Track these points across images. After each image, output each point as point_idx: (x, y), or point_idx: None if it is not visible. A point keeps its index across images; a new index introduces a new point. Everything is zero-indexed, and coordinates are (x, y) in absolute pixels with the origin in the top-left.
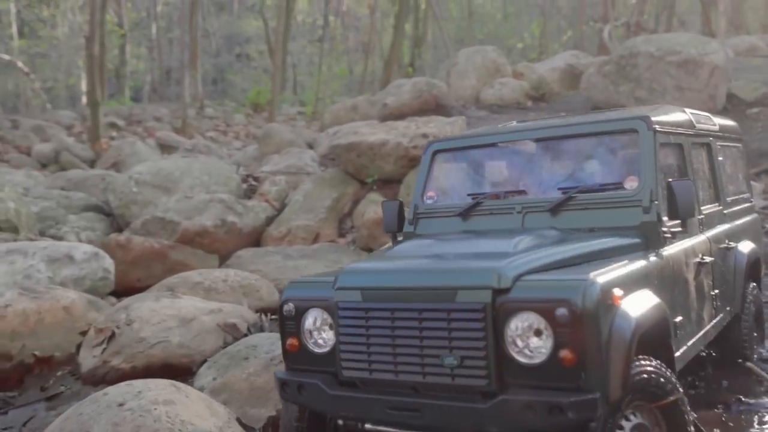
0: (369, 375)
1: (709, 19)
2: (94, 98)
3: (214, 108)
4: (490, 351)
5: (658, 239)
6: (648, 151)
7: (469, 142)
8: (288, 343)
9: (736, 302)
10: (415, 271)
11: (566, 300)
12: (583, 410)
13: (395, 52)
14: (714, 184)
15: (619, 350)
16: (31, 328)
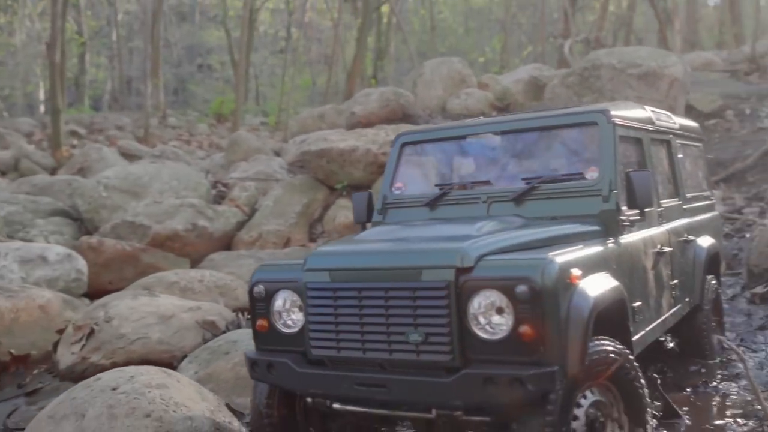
0: (337, 353)
1: (666, 36)
2: (55, 106)
3: (177, 118)
4: (454, 327)
5: (617, 227)
6: (607, 143)
7: (437, 135)
8: (258, 324)
9: (695, 294)
10: (382, 252)
11: (526, 278)
12: (541, 383)
13: (358, 64)
14: (673, 180)
15: (577, 327)
16: (7, 326)
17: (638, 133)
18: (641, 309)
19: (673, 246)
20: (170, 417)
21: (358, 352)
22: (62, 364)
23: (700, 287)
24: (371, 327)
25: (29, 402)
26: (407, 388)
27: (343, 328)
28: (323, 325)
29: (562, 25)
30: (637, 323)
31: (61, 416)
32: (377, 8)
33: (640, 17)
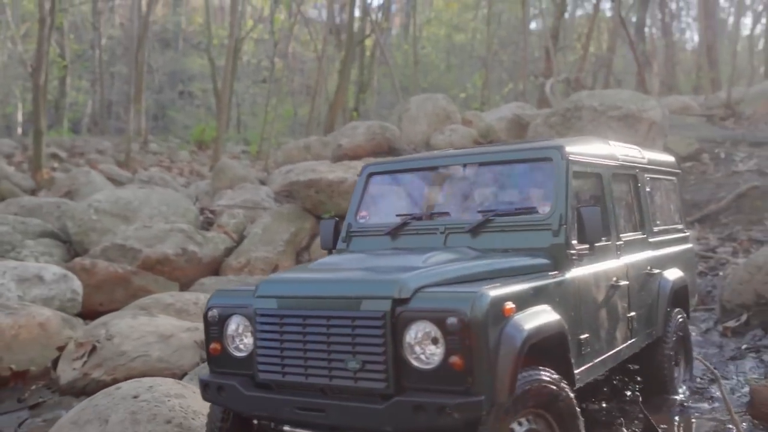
0: (282, 377)
1: (644, 78)
2: (38, 128)
3: (158, 144)
4: (389, 356)
5: (566, 261)
6: (560, 179)
7: (401, 166)
8: (211, 347)
9: (658, 326)
10: (327, 282)
11: (455, 310)
12: (467, 411)
13: (340, 96)
14: (639, 213)
15: (508, 358)
16: (7, 343)
17: (597, 168)
18: (589, 341)
19: (632, 278)
20: (189, 424)
21: (300, 377)
22: (63, 380)
23: (663, 319)
24: (313, 353)
25: (33, 415)
26: (343, 414)
27: (288, 354)
28: (270, 350)
29: (544, 65)
30: (583, 355)
31: (84, 421)
32: (361, 41)
33: (620, 59)
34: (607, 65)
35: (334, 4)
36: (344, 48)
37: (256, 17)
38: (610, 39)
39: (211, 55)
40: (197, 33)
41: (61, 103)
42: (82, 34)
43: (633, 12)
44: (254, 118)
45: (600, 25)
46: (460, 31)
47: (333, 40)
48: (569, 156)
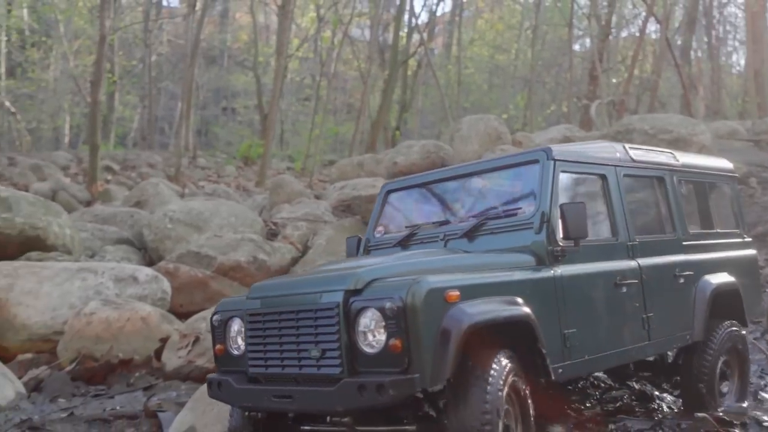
0: (265, 370)
1: (690, 102)
2: (94, 142)
3: (206, 159)
4: (343, 344)
5: (550, 257)
6: (545, 179)
7: (413, 182)
8: (216, 348)
9: (695, 330)
10: (299, 281)
11: (393, 297)
12: (401, 388)
13: (383, 115)
14: (669, 215)
15: (449, 342)
16: (113, 334)
17: (599, 170)
18: (578, 336)
19: (650, 279)
20: None
21: (278, 369)
22: (169, 367)
23: (702, 324)
24: (287, 346)
25: (147, 395)
26: (306, 398)
27: (269, 348)
28: (256, 346)
29: (588, 87)
30: (569, 349)
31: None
32: (405, 61)
33: (664, 82)
34: (653, 88)
35: (378, 23)
36: (388, 67)
37: (301, 36)
38: (656, 62)
39: (257, 72)
40: (242, 50)
41: (109, 118)
42: (131, 50)
43: (679, 35)
44: (295, 135)
45: (645, 47)
46: (503, 52)
47: (377, 59)
48: (556, 157)
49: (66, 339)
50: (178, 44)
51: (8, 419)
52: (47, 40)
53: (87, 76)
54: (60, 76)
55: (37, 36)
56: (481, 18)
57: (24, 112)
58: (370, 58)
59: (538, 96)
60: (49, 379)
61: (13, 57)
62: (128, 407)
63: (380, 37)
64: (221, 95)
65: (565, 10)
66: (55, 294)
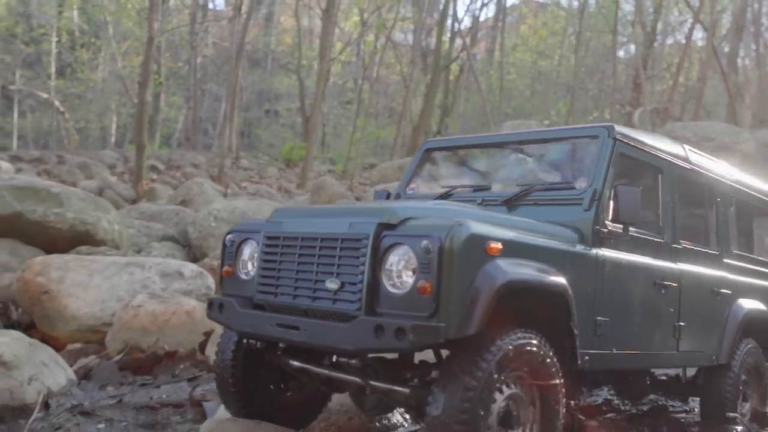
0: (274, 298)
1: (736, 110)
2: (140, 142)
3: (248, 160)
4: (366, 279)
5: (595, 238)
6: (603, 156)
7: (456, 143)
8: (225, 270)
9: (722, 352)
10: (330, 210)
11: (431, 236)
12: (423, 335)
13: (424, 119)
14: (715, 228)
15: (481, 295)
16: (159, 327)
17: (657, 162)
18: (610, 327)
19: (689, 288)
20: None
21: (288, 297)
22: (212, 360)
23: (729, 346)
24: (303, 275)
25: (192, 386)
26: (314, 331)
27: (282, 275)
28: (268, 272)
29: (631, 94)
30: (599, 338)
31: None
32: (447, 65)
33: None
34: (697, 96)
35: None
36: (430, 72)
37: (344, 40)
38: (701, 69)
39: (300, 75)
40: (286, 53)
41: (155, 118)
42: (177, 52)
43: (726, 42)
44: (337, 138)
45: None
46: (546, 58)
47: (419, 63)
48: (617, 136)
49: (114, 330)
50: (223, 47)
51: (60, 404)
52: (96, 41)
53: (134, 76)
54: (108, 76)
55: (86, 37)
56: (525, 23)
57: (73, 111)
58: (412, 63)
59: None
60: (97, 368)
61: (63, 57)
62: (174, 396)
63: (423, 42)
64: (264, 98)
65: (610, 17)
66: (104, 287)
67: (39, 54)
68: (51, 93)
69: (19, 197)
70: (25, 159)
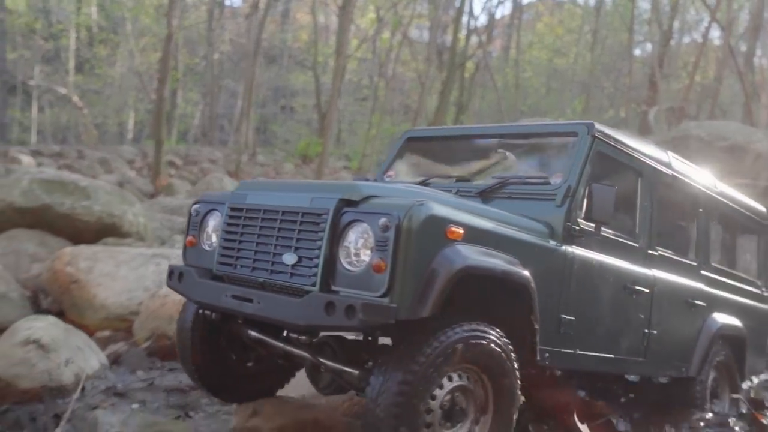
0: (233, 270)
1: (752, 110)
2: (159, 137)
3: (265, 156)
4: (323, 255)
5: (566, 235)
6: (580, 153)
7: (438, 134)
8: (188, 240)
9: (692, 365)
10: (295, 184)
11: (389, 214)
12: (372, 314)
13: (440, 116)
14: (696, 239)
15: (437, 278)
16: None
17: (637, 164)
18: (574, 326)
19: (661, 296)
20: None
21: (247, 270)
22: None
23: (700, 360)
24: (263, 247)
25: None
26: (267, 304)
27: (243, 247)
28: (229, 243)
29: (647, 92)
30: (563, 336)
31: None
32: (462, 64)
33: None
34: (714, 95)
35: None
36: (446, 69)
37: (360, 37)
38: (718, 68)
39: (316, 71)
40: (302, 50)
41: (172, 114)
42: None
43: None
44: (352, 134)
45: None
46: (562, 56)
47: (435, 60)
48: (596, 134)
49: (141, 318)
50: (240, 43)
51: (95, 386)
52: (114, 37)
53: (152, 73)
54: (126, 72)
55: (104, 33)
56: (541, 21)
57: (91, 107)
58: (428, 60)
59: (596, 101)
60: (127, 354)
61: (82, 53)
62: None
63: (439, 39)
64: (280, 94)
65: (626, 15)
66: (131, 277)
67: (58, 50)
68: (69, 88)
69: (48, 190)
70: (45, 153)
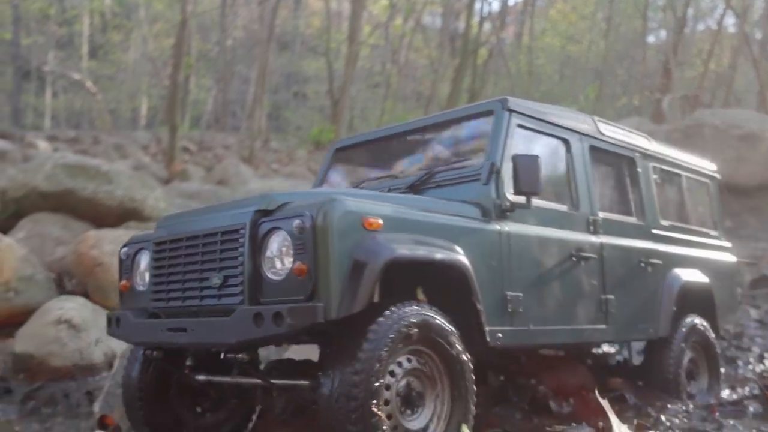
0: (166, 304)
1: (766, 98)
2: (174, 123)
3: (278, 142)
4: (246, 270)
5: (497, 212)
6: (498, 129)
7: (362, 139)
8: (122, 284)
9: (659, 325)
10: (211, 207)
11: (303, 215)
12: (300, 317)
13: (452, 103)
14: (638, 200)
15: (363, 272)
16: None
17: (562, 133)
18: (523, 302)
19: (612, 260)
20: None
21: (178, 302)
22: None
23: (668, 319)
24: (190, 275)
25: None
26: (199, 330)
27: (172, 279)
28: (159, 278)
29: (661, 80)
30: (511, 314)
31: None
32: (475, 50)
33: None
34: (728, 83)
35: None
36: (459, 56)
37: (373, 23)
38: (732, 56)
39: (329, 58)
40: (314, 36)
41: (184, 100)
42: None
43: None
44: (365, 122)
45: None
46: (575, 43)
47: (448, 47)
48: (512, 108)
49: None
50: (252, 29)
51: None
52: (128, 23)
53: (165, 58)
54: (139, 58)
55: (118, 19)
56: (554, 8)
57: (104, 92)
58: (441, 46)
59: (610, 88)
60: None
61: (95, 39)
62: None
63: (452, 26)
64: (292, 80)
65: (640, 2)
66: None
67: (71, 35)
68: (83, 74)
69: (71, 175)
70: (61, 139)
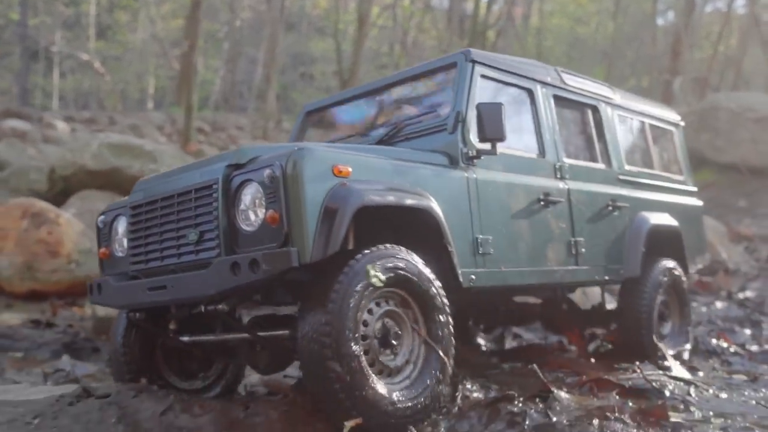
0: (146, 265)
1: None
2: (189, 103)
3: (289, 122)
4: (221, 224)
5: (464, 159)
6: (462, 79)
7: (332, 101)
8: (101, 252)
9: (629, 266)
10: (184, 167)
11: (273, 165)
12: (275, 262)
13: None
14: (603, 146)
15: (335, 216)
16: None
17: (524, 83)
18: (494, 245)
19: (579, 203)
20: None
21: (157, 262)
22: None
23: (637, 259)
24: (167, 234)
25: None
26: (179, 286)
27: (150, 240)
28: (137, 241)
29: (669, 62)
30: (483, 256)
31: None
32: (483, 32)
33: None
34: (737, 65)
35: None
36: (467, 37)
37: (381, 4)
38: (741, 38)
39: (337, 38)
40: (321, 17)
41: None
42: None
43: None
44: None
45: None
46: (583, 24)
47: (456, 28)
48: (476, 59)
49: None
50: (259, 10)
51: None
52: (135, 3)
53: (172, 39)
54: (147, 38)
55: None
56: None
57: (112, 73)
58: (449, 27)
59: (618, 70)
60: None
61: (103, 20)
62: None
63: (460, 7)
64: (299, 61)
65: None
66: None
67: (79, 16)
68: (91, 54)
69: (116, 153)
70: (77, 119)
